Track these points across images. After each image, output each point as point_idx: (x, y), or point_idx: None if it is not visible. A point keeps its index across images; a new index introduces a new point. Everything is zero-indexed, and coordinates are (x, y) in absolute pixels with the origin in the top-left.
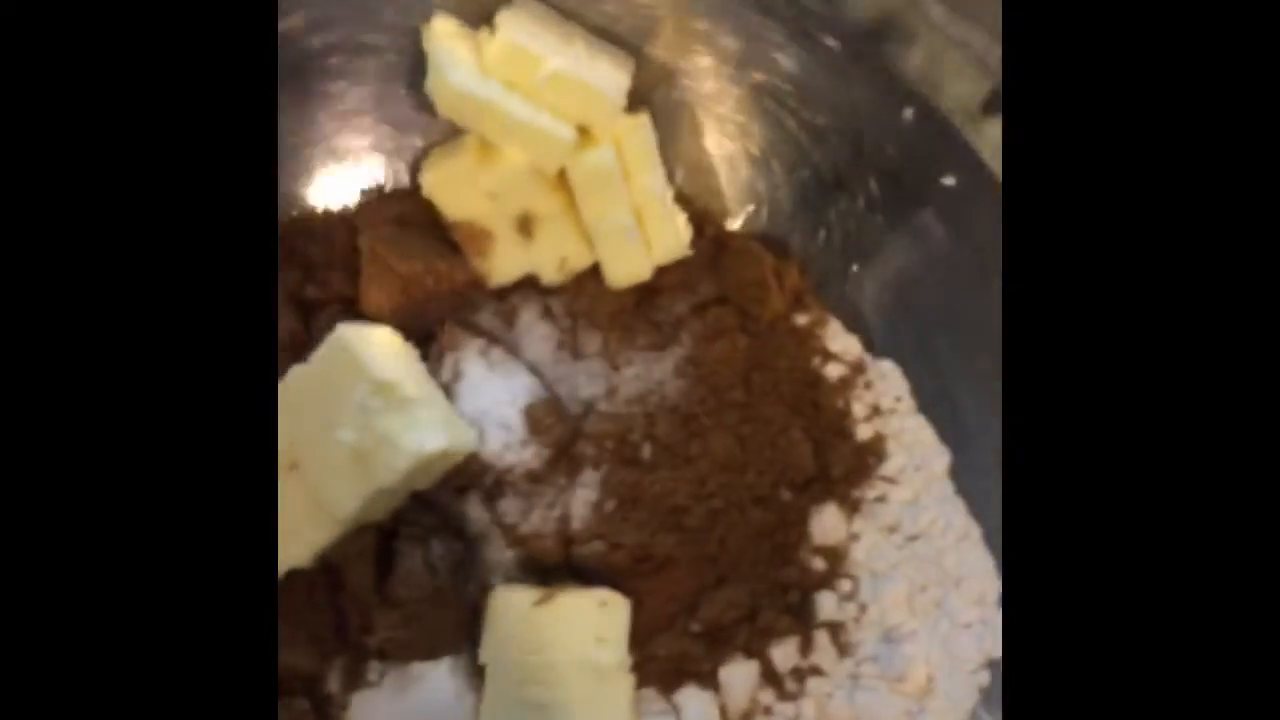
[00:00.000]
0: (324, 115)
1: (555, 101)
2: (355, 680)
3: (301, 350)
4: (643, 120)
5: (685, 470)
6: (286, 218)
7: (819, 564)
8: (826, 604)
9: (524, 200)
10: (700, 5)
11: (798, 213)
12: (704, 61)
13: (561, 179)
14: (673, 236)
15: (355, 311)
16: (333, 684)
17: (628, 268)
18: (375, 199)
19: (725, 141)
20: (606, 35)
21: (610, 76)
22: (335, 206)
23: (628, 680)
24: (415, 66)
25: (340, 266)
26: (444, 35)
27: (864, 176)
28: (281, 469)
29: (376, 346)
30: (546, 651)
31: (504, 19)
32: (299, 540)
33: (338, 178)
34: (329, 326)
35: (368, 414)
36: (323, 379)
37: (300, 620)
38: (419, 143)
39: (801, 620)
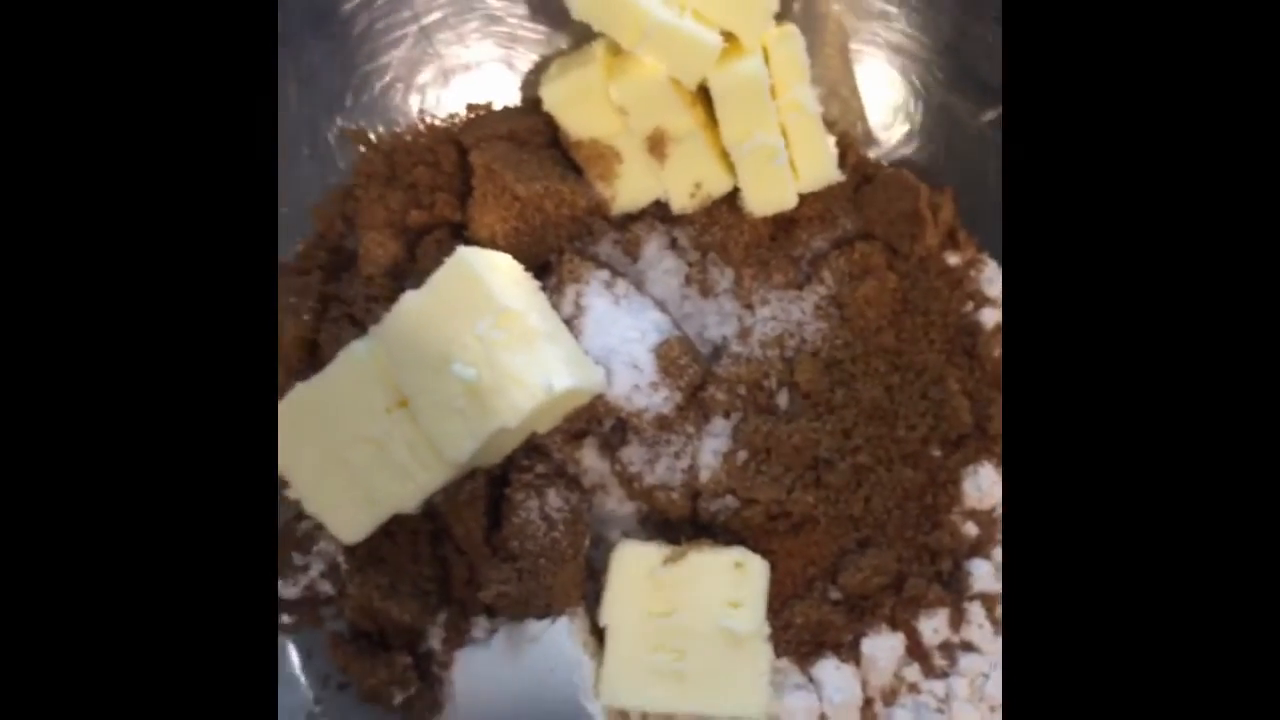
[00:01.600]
0: (429, 24)
1: (701, 4)
2: (459, 637)
3: (404, 279)
4: (792, 29)
5: (827, 421)
6: (390, 135)
7: (972, 529)
8: (981, 573)
9: (657, 117)
10: None
11: (951, 139)
12: None
13: (700, 94)
14: (823, 159)
15: (464, 237)
16: (434, 639)
17: (772, 194)
18: (486, 115)
19: (871, 57)
20: None
21: None
22: (441, 123)
23: (765, 649)
24: None
25: (447, 188)
26: None
27: None
28: (389, 406)
29: (501, 273)
30: (676, 615)
31: None
32: (406, 483)
33: (444, 92)
34: (437, 252)
35: (489, 347)
36: (440, 306)
37: (402, 570)
38: (533, 56)
39: (952, 590)
